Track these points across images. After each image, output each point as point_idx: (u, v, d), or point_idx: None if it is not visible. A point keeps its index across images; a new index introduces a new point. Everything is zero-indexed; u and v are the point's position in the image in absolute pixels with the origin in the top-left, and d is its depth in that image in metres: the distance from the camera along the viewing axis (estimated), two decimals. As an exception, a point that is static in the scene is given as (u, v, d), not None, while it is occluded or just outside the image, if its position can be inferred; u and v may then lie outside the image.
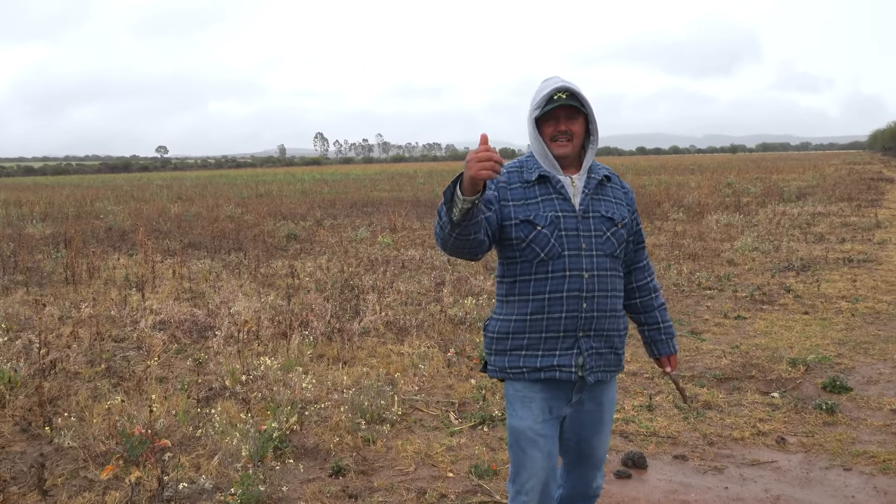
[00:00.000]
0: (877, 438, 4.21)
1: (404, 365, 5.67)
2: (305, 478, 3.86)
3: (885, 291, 8.09)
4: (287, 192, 31.63)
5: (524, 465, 2.52)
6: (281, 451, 4.10)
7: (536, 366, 2.45)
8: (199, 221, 17.98)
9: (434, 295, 8.29)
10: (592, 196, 2.49)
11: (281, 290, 8.54)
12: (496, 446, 4.23)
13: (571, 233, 2.42)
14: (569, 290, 2.41)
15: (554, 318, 2.42)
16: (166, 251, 12.58)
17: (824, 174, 34.78)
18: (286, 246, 13.19)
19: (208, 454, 4.08)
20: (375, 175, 54.12)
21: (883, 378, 5.25)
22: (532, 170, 2.47)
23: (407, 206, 21.04)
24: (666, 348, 2.73)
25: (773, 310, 7.42)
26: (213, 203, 24.87)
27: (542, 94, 2.42)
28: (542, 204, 2.43)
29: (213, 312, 7.27)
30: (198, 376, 5.47)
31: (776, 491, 3.65)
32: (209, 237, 14.45)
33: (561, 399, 2.52)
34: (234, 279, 9.35)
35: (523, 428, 2.50)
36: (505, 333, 2.48)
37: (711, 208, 17.58)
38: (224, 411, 4.62)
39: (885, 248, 11.22)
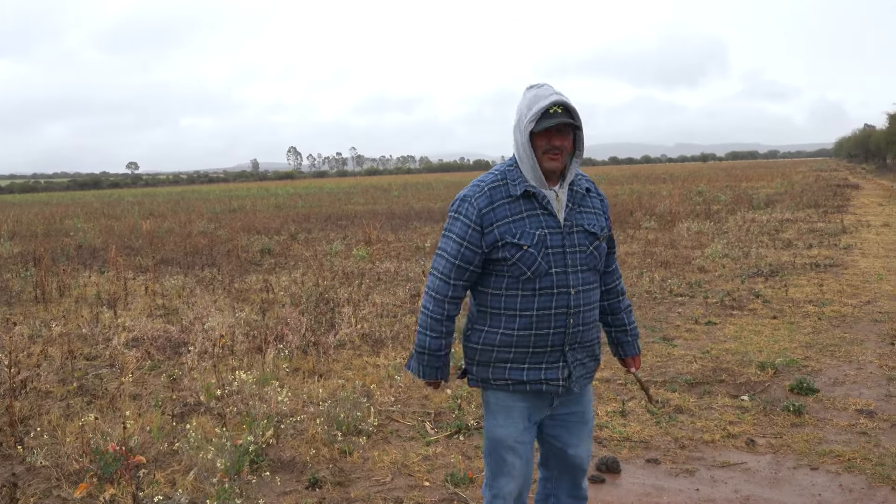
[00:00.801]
0: (842, 438, 4.32)
1: (380, 376, 5.69)
2: (282, 490, 3.86)
3: (851, 295, 8.28)
4: (261, 207, 31.48)
5: (502, 471, 2.56)
6: (257, 464, 4.10)
7: (522, 379, 2.48)
8: (171, 237, 17.84)
9: (409, 306, 8.32)
10: (575, 210, 2.51)
11: (255, 304, 8.51)
12: (472, 455, 4.26)
13: (557, 250, 2.43)
14: (556, 308, 2.44)
15: (542, 335, 2.44)
16: (138, 268, 12.47)
17: (792, 181, 35.44)
18: (260, 260, 13.14)
19: (184, 469, 4.06)
20: (349, 188, 54.06)
21: (848, 379, 5.38)
22: (516, 183, 2.45)
23: (381, 219, 21.05)
24: (631, 349, 2.79)
25: (743, 315, 7.56)
26: (186, 219, 24.68)
27: (538, 106, 2.39)
28: (527, 220, 2.42)
29: (187, 328, 7.23)
30: (172, 392, 5.44)
31: (746, 491, 3.72)
32: (182, 253, 14.35)
33: (542, 407, 2.57)
34: (207, 295, 9.29)
35: (503, 436, 2.54)
36: (490, 346, 2.49)
37: (682, 216, 17.84)
38: (199, 426, 4.60)
39: (850, 253, 11.48)
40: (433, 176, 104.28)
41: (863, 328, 6.82)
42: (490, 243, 2.43)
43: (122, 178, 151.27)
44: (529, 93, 2.47)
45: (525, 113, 2.43)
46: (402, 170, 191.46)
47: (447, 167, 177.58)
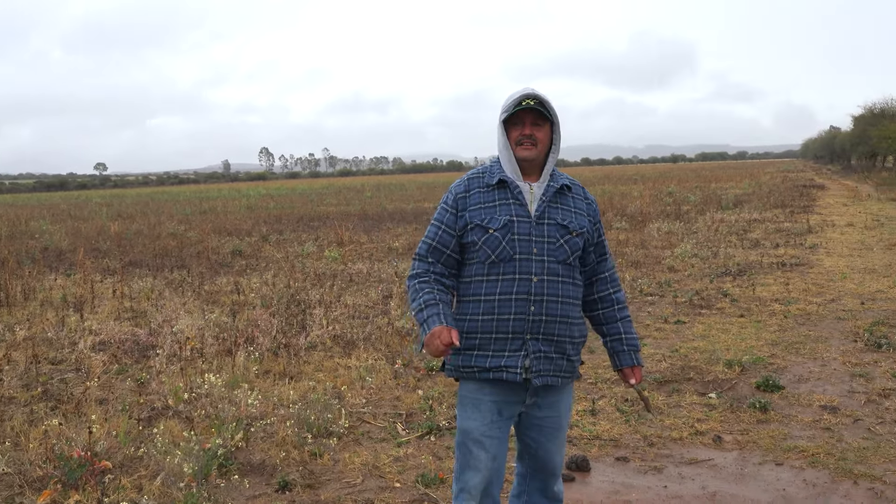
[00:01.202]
0: (807, 434, 4.40)
1: (351, 378, 5.67)
2: (251, 494, 3.83)
3: (816, 294, 8.44)
4: (232, 208, 31.19)
5: (468, 464, 2.59)
6: (226, 468, 4.06)
7: (486, 366, 2.52)
8: (140, 239, 17.61)
9: (381, 307, 8.30)
10: (549, 203, 2.56)
11: (226, 306, 8.43)
12: (443, 455, 4.27)
13: (524, 237, 2.50)
14: (518, 293, 2.48)
15: (502, 320, 2.49)
16: (106, 270, 12.28)
17: (760, 182, 36.01)
18: (231, 262, 13.01)
19: (151, 474, 4.01)
20: (322, 189, 53.77)
21: (813, 376, 5.48)
22: (494, 174, 2.59)
23: (354, 220, 20.99)
24: (628, 360, 2.70)
25: (711, 314, 7.66)
26: (155, 220, 24.36)
27: (512, 98, 2.54)
28: (498, 208, 2.53)
29: (156, 331, 7.14)
30: (139, 396, 5.36)
31: (713, 488, 3.78)
32: (151, 255, 14.17)
33: (512, 401, 2.58)
34: (177, 297, 9.18)
35: (471, 428, 2.58)
36: (462, 333, 2.53)
37: (653, 217, 18.04)
38: (167, 430, 4.54)
39: (815, 253, 11.69)
40: (406, 177, 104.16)
41: (827, 326, 6.96)
42: (461, 226, 2.56)
43: (89, 179, 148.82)
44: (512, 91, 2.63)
45: (502, 107, 2.57)
46: (376, 171, 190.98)
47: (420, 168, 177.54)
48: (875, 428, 4.42)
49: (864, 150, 49.60)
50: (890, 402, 4.84)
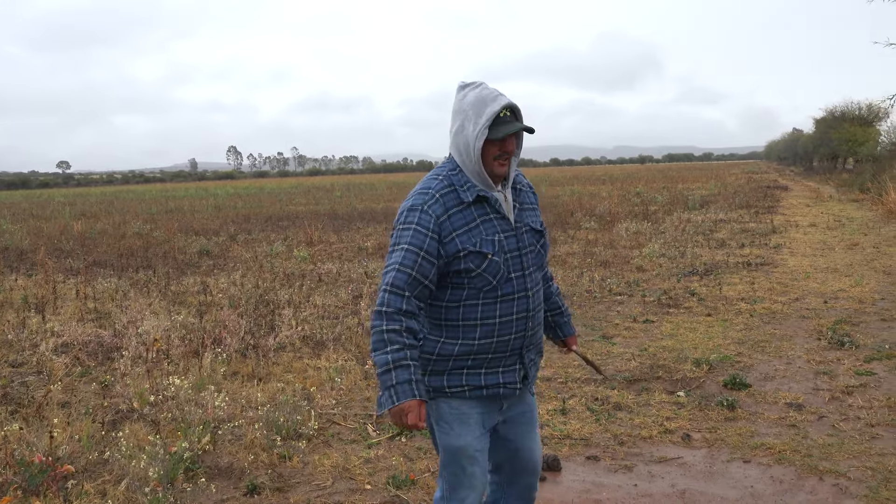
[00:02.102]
0: (773, 431, 4.46)
1: (321, 379, 5.61)
2: (219, 498, 3.77)
3: (781, 293, 8.58)
4: (199, 208, 30.79)
5: (462, 482, 2.48)
6: (193, 472, 3.99)
7: (480, 384, 2.43)
8: (104, 239, 17.28)
9: (351, 308, 8.24)
10: (520, 208, 2.49)
11: (193, 307, 8.30)
12: (414, 456, 4.24)
13: (514, 254, 2.40)
14: (518, 313, 2.41)
15: (503, 341, 2.41)
16: (69, 271, 12.02)
17: (725, 183, 36.55)
18: (198, 262, 12.83)
19: (115, 479, 3.92)
20: (291, 189, 53.35)
21: (779, 374, 5.56)
22: (465, 188, 2.37)
23: (324, 220, 20.85)
24: (569, 329, 2.84)
25: (679, 313, 7.74)
26: (120, 219, 23.94)
27: (489, 110, 2.30)
28: (482, 227, 2.36)
29: (120, 333, 7.00)
30: (103, 399, 5.25)
31: (682, 485, 3.80)
32: (116, 255, 13.91)
33: (494, 412, 2.53)
34: (142, 298, 9.02)
35: (464, 445, 2.46)
36: (447, 356, 2.40)
37: (621, 217, 18.20)
38: (132, 434, 4.45)
39: (780, 252, 11.89)
40: (376, 177, 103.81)
41: (792, 324, 7.07)
42: (451, 254, 2.32)
43: (52, 177, 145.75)
44: (469, 94, 2.36)
45: (473, 117, 2.32)
46: (345, 170, 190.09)
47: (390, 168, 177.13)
48: (839, 425, 4.50)
49: (825, 152, 50.61)
50: (853, 399, 4.93)
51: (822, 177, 40.40)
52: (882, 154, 31.84)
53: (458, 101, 2.39)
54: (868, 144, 37.53)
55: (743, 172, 55.14)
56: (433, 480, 3.90)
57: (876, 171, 25.35)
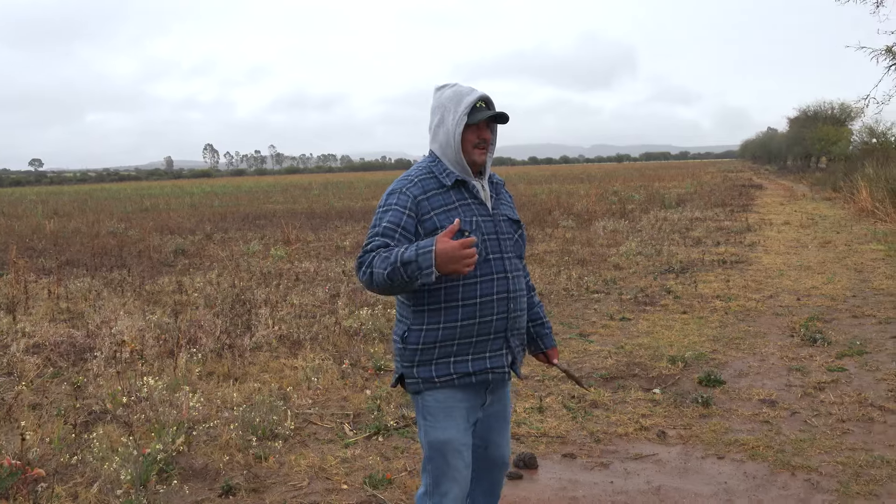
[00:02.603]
0: (747, 427, 4.51)
1: (298, 379, 5.58)
2: (193, 500, 3.73)
3: (755, 290, 8.68)
4: (175, 206, 30.47)
5: (446, 475, 2.49)
6: (167, 473, 3.94)
7: (469, 370, 2.46)
8: (77, 238, 17.04)
9: (329, 307, 8.20)
10: (497, 200, 2.59)
11: (168, 307, 8.21)
12: (391, 455, 4.23)
13: (492, 236, 2.48)
14: (498, 293, 2.46)
15: (486, 322, 2.44)
16: (41, 270, 11.83)
17: (701, 182, 36.92)
18: (173, 261, 12.70)
19: (87, 482, 3.86)
20: (268, 187, 52.99)
21: (752, 371, 5.62)
22: (445, 174, 2.48)
23: (301, 218, 20.74)
24: (551, 341, 2.84)
25: (655, 311, 7.80)
26: (94, 218, 23.62)
27: (467, 100, 2.45)
28: (461, 209, 2.45)
29: (94, 333, 6.90)
30: (76, 400, 5.17)
31: (657, 482, 3.83)
32: (89, 254, 13.71)
33: (477, 405, 2.56)
34: (116, 297, 8.90)
35: (449, 439, 2.47)
36: (432, 343, 2.43)
37: (599, 215, 18.30)
38: (105, 436, 4.38)
39: (754, 250, 12.03)
40: (355, 175, 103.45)
41: (765, 322, 7.16)
42: (429, 231, 2.39)
43: (24, 175, 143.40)
44: (446, 91, 2.52)
45: (452, 108, 2.47)
46: (323, 168, 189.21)
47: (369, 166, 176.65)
48: (811, 420, 4.56)
49: (799, 151, 51.30)
50: (825, 395, 5.00)
51: (796, 175, 40.94)
52: (854, 153, 32.35)
53: (436, 99, 2.54)
54: (840, 144, 38.11)
55: (718, 171, 55.72)
56: (410, 480, 3.89)
57: (848, 170, 25.73)
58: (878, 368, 5.53)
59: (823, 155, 44.27)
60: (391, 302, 8.37)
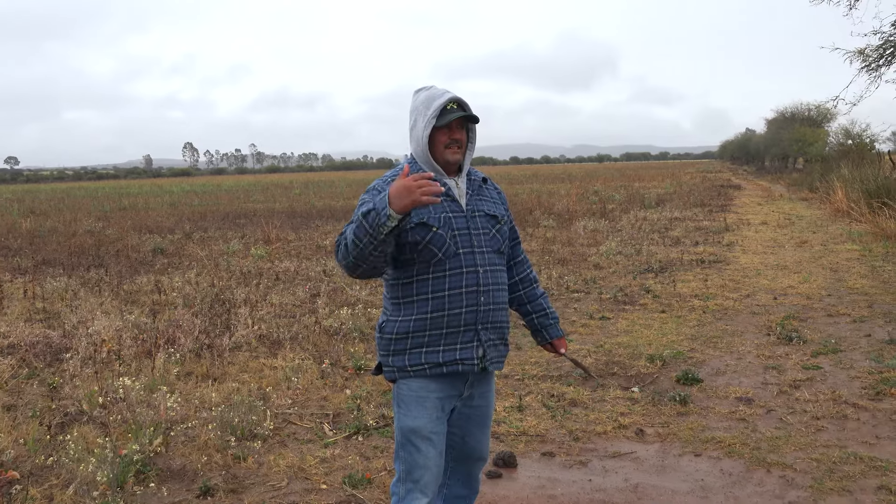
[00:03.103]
0: (723, 425, 4.56)
1: (277, 378, 5.55)
2: (170, 501, 3.70)
3: (732, 289, 8.77)
4: (154, 205, 30.19)
5: (417, 462, 2.56)
6: (144, 475, 3.91)
7: (439, 361, 2.53)
8: (54, 237, 16.82)
9: (309, 306, 8.18)
10: (475, 197, 2.65)
11: (146, 306, 8.14)
12: (370, 455, 4.23)
13: (463, 232, 2.55)
14: (467, 286, 2.52)
15: (454, 314, 2.52)
16: (17, 269, 11.67)
17: (681, 182, 37.20)
18: (152, 261, 12.58)
19: (62, 484, 3.82)
20: (249, 186, 52.65)
21: (729, 369, 5.68)
22: None
23: (282, 217, 20.63)
24: (556, 331, 2.90)
25: (634, 310, 7.86)
26: (71, 217, 23.33)
27: (437, 103, 2.52)
28: (432, 206, 2.50)
29: (70, 333, 6.83)
30: (51, 402, 5.11)
31: (635, 480, 3.87)
32: (66, 254, 13.54)
33: (454, 396, 2.62)
34: (93, 297, 8.81)
35: (418, 426, 2.54)
36: (404, 333, 2.53)
37: (579, 215, 18.39)
38: (81, 437, 4.34)
39: (732, 250, 12.16)
40: (336, 174, 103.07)
41: (742, 320, 7.24)
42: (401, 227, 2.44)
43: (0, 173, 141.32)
44: (421, 94, 2.61)
45: (423, 111, 2.56)
46: (305, 167, 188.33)
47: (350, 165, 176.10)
48: (787, 418, 4.62)
49: (776, 152, 51.84)
50: (800, 392, 5.07)
51: (774, 176, 41.41)
52: (830, 154, 32.75)
53: (412, 102, 2.64)
54: (817, 145, 38.57)
55: (698, 171, 56.19)
56: (390, 479, 3.88)
57: (824, 170, 26.07)
58: (852, 366, 5.61)
59: (800, 156, 44.79)
60: (372, 301, 8.36)
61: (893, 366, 5.50)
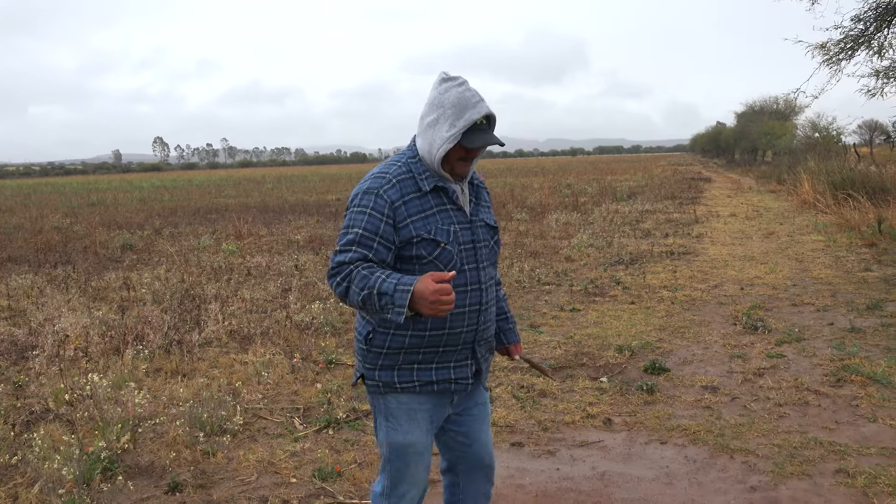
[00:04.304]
0: (689, 413, 4.64)
1: (248, 374, 5.53)
2: (138, 497, 3.68)
3: (700, 280, 8.90)
4: (123, 201, 29.78)
5: (404, 478, 2.46)
6: (111, 472, 3.88)
7: (432, 379, 2.39)
8: (20, 234, 16.54)
9: (280, 301, 8.14)
10: (476, 204, 2.48)
11: (114, 303, 8.05)
12: (341, 448, 4.24)
13: (468, 246, 2.38)
14: (470, 305, 2.37)
15: (454, 334, 2.37)
16: (-19, 267, 11.46)
17: (652, 175, 37.58)
18: (121, 257, 12.43)
19: (28, 482, 3.78)
20: (221, 181, 52.14)
21: (696, 358, 5.78)
22: (424, 177, 2.34)
23: (254, 213, 20.49)
24: (514, 336, 2.77)
25: (604, 301, 7.94)
26: (38, 213, 22.94)
27: (469, 115, 2.26)
28: (439, 216, 2.33)
29: (36, 331, 6.73)
30: (17, 400, 5.05)
31: (602, 468, 3.92)
32: (32, 250, 13.33)
33: (445, 407, 2.49)
34: (60, 294, 8.68)
35: (412, 442, 2.43)
36: (397, 349, 2.36)
37: (552, 208, 18.50)
38: (47, 435, 4.29)
39: (701, 242, 12.32)
40: (309, 168, 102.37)
41: (710, 311, 7.35)
42: (405, 239, 2.28)
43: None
44: (451, 91, 2.30)
45: (450, 117, 2.27)
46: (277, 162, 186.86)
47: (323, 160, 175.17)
48: (750, 405, 4.72)
49: (746, 145, 52.56)
50: (763, 380, 5.17)
51: (743, 169, 41.99)
52: (798, 147, 33.30)
53: (438, 93, 2.32)
54: (785, 138, 39.18)
55: (669, 164, 56.78)
56: (360, 472, 3.90)
57: (792, 163, 26.51)
58: (814, 354, 5.74)
59: (769, 149, 45.47)
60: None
61: (854, 353, 5.64)
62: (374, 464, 4.01)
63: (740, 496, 3.54)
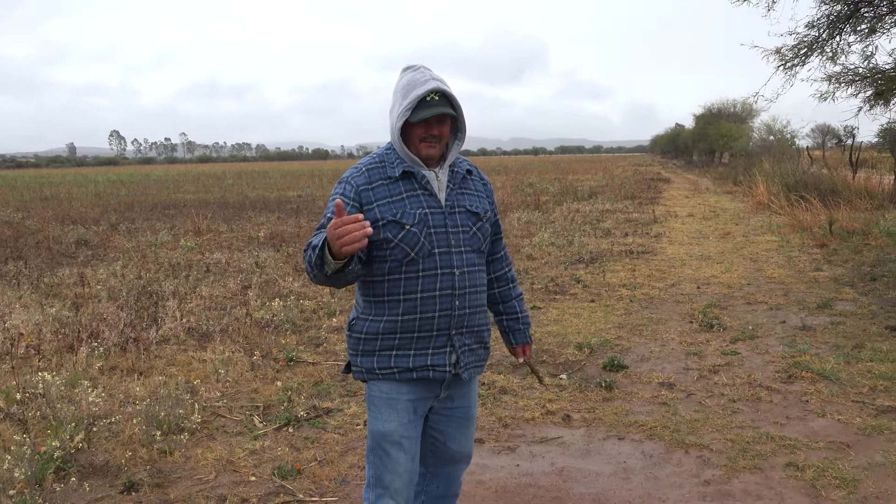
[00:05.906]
0: (646, 409, 4.72)
1: (206, 371, 5.46)
2: (93, 497, 3.61)
3: (659, 279, 9.05)
4: (78, 195, 29.09)
5: (387, 467, 2.45)
6: (65, 471, 3.80)
7: (409, 366, 2.40)
8: (-31, 228, 16.03)
9: (240, 298, 8.05)
10: (456, 191, 2.46)
11: (68, 300, 7.86)
12: (301, 446, 4.22)
13: (440, 230, 2.37)
14: (441, 289, 2.36)
15: (427, 318, 2.37)
16: (-73, 262, 11.08)
17: (613, 175, 38.06)
18: (75, 253, 12.15)
19: (-24, 483, 3.68)
20: (179, 176, 51.26)
21: (654, 355, 5.88)
22: (394, 165, 2.39)
23: (213, 208, 20.20)
24: (523, 338, 2.76)
25: (565, 299, 8.03)
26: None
27: (415, 93, 2.30)
28: (407, 201, 2.35)
29: (-15, 328, 6.54)
30: (-35, 399, 4.90)
31: (561, 463, 3.98)
32: (-19, 245, 12.94)
33: (428, 398, 2.49)
34: (11, 290, 8.45)
35: (388, 431, 2.43)
36: (374, 334, 2.40)
37: (514, 207, 18.61)
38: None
39: (659, 241, 12.53)
40: (270, 164, 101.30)
41: (667, 309, 7.49)
42: (371, 222, 2.28)
43: None
44: (405, 76, 2.38)
45: (400, 99, 2.34)
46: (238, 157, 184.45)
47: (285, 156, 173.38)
48: (705, 401, 4.82)
49: (704, 147, 53.55)
50: (718, 377, 5.29)
51: (701, 170, 42.79)
52: (753, 149, 34.06)
53: (396, 83, 2.41)
54: (741, 140, 40.05)
55: (630, 165, 57.55)
56: (320, 470, 3.89)
57: (747, 165, 27.10)
58: (767, 351, 5.89)
59: (726, 150, 46.41)
60: (304, 293, 8.29)
61: (804, 350, 5.80)
62: (335, 461, 4.00)
63: (695, 490, 3.62)
